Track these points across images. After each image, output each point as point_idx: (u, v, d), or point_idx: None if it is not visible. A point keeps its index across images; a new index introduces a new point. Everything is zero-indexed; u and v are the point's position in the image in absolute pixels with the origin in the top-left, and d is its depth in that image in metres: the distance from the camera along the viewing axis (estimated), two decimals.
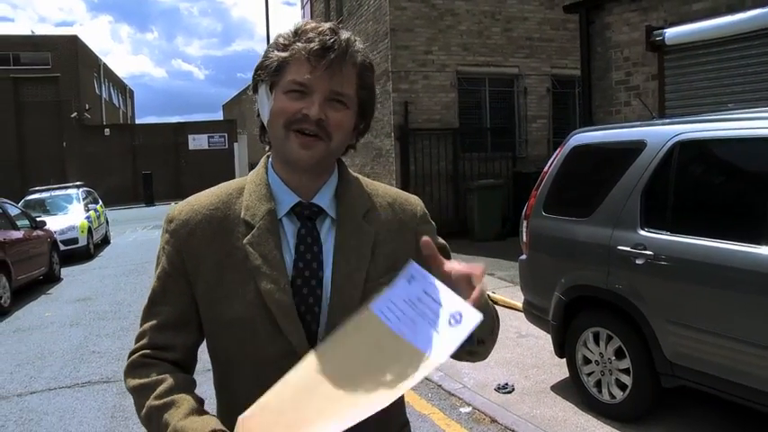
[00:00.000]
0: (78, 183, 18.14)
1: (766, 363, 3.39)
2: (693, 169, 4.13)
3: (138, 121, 53.18)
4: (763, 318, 3.38)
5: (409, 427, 1.52)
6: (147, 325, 1.36)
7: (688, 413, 4.37)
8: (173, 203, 19.63)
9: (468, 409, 4.84)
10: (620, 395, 4.30)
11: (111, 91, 45.14)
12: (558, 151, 5.08)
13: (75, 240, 14.05)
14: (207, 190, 1.43)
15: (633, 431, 4.17)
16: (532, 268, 5.15)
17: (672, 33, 7.60)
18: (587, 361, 4.56)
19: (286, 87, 1.28)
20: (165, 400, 1.24)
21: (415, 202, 1.50)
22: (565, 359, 4.80)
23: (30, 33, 38.87)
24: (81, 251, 14.18)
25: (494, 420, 4.60)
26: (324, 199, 1.36)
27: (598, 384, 4.48)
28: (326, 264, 1.32)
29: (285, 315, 1.26)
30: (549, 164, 5.11)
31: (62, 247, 13.19)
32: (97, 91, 39.89)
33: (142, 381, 1.29)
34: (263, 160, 1.43)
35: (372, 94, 1.38)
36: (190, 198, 1.41)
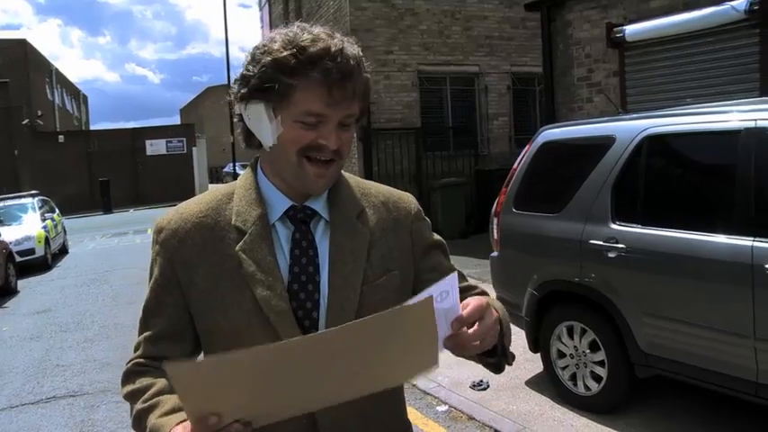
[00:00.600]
0: (33, 192, 17.66)
1: (737, 349, 3.47)
2: (662, 163, 4.20)
3: (92, 127, 52.12)
4: (733, 305, 3.46)
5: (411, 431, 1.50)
6: (141, 337, 1.35)
7: (663, 402, 4.45)
8: (131, 210, 19.27)
9: (444, 408, 4.84)
10: (595, 387, 4.35)
11: (65, 96, 44.11)
12: (527, 148, 5.12)
13: (31, 251, 13.66)
14: (195, 197, 1.40)
15: (609, 422, 4.21)
16: (504, 265, 5.17)
17: (632, 30, 7.75)
18: (562, 355, 4.60)
19: (299, 117, 1.22)
20: (151, 402, 1.23)
21: (408, 199, 1.48)
22: (539, 354, 4.84)
23: None
24: (38, 262, 13.80)
25: (471, 418, 4.61)
26: (317, 202, 1.34)
27: (573, 377, 4.53)
28: (323, 267, 1.30)
29: (283, 321, 1.24)
30: (518, 160, 5.14)
31: (18, 259, 12.82)
32: (49, 97, 38.93)
33: (134, 387, 1.29)
34: (250, 163, 1.40)
35: (368, 101, 1.36)
36: (178, 206, 1.37)
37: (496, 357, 1.29)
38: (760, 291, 3.33)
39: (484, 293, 1.46)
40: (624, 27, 7.87)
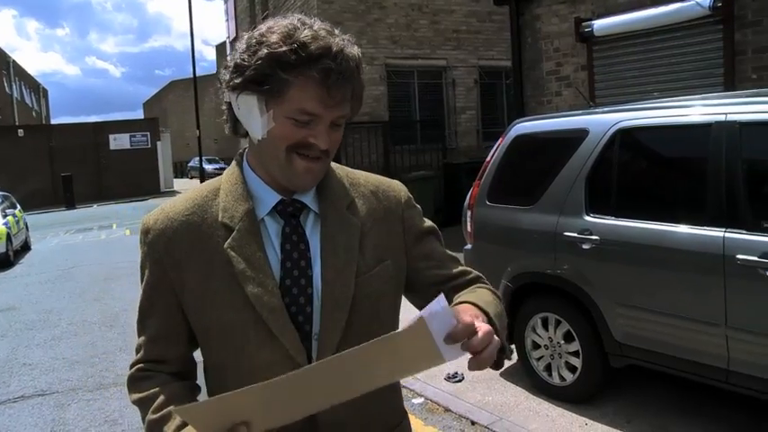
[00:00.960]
0: None
1: (709, 338, 3.55)
2: (635, 155, 4.28)
3: (53, 121, 51.02)
4: (705, 295, 3.54)
5: (407, 422, 1.51)
6: (141, 339, 1.34)
7: (636, 391, 4.53)
8: (95, 206, 18.89)
9: (420, 400, 4.86)
10: (570, 377, 4.41)
11: (23, 90, 43.06)
12: (500, 141, 5.15)
13: None
14: (180, 195, 1.38)
15: (584, 411, 4.28)
16: (478, 257, 5.20)
17: (600, 25, 7.84)
18: (536, 346, 4.65)
19: (291, 114, 1.20)
20: (162, 413, 1.23)
21: (397, 187, 1.47)
22: (513, 345, 4.89)
23: None
24: (0, 259, 13.50)
25: (447, 409, 4.64)
26: (306, 194, 1.32)
27: (548, 368, 4.59)
28: (314, 261, 1.28)
29: (276, 318, 1.23)
30: (491, 153, 5.17)
31: None
32: (7, 90, 37.97)
33: (141, 395, 1.29)
34: (236, 158, 1.38)
35: (361, 100, 1.33)
36: (164, 205, 1.35)
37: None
38: (731, 280, 3.41)
39: (478, 279, 1.47)
40: (592, 22, 7.96)
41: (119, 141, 32.40)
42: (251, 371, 1.23)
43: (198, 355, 1.37)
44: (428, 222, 1.48)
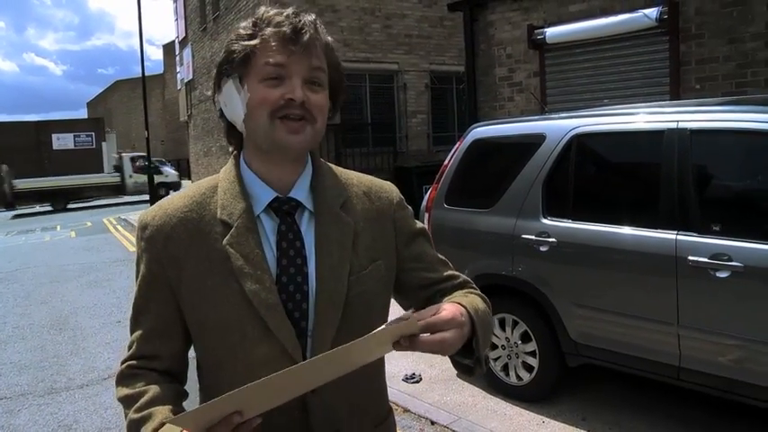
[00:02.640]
0: None
1: (662, 336, 3.68)
2: (591, 160, 4.40)
3: None
4: (658, 295, 3.67)
5: (393, 417, 1.54)
6: (133, 335, 1.34)
7: (591, 388, 4.66)
8: (37, 206, 18.27)
9: None
10: (526, 377, 4.51)
11: None
12: (457, 144, 5.23)
13: None
14: (179, 191, 1.40)
15: (541, 409, 4.38)
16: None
17: (552, 33, 8.04)
18: (494, 346, 4.73)
19: (261, 74, 1.25)
20: (143, 413, 1.22)
21: (389, 188, 1.50)
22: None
23: None
24: None
25: (406, 410, 4.68)
26: (301, 192, 1.34)
27: (505, 368, 4.67)
28: (309, 258, 1.30)
29: (273, 315, 1.24)
30: (449, 157, 5.24)
31: None
32: None
33: (127, 392, 1.27)
34: (231, 157, 1.39)
35: (341, 74, 1.38)
36: (162, 201, 1.36)
37: (472, 359, 1.31)
38: (683, 281, 3.55)
39: (466, 284, 1.50)
40: (545, 29, 8.16)
41: (62, 141, 31.47)
42: (247, 367, 1.24)
43: (191, 354, 1.37)
44: (419, 224, 1.50)
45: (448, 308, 1.20)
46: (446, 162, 5.26)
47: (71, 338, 7.00)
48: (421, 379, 5.16)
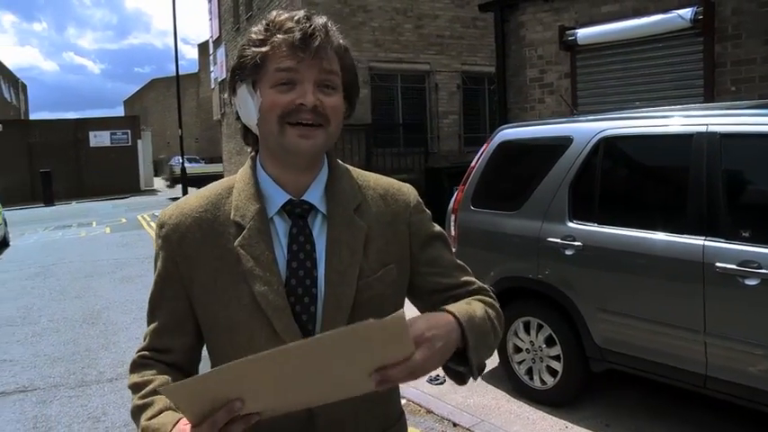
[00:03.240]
0: None
1: (688, 344, 3.63)
2: (618, 163, 4.36)
3: (32, 117, 50.39)
4: (685, 302, 3.62)
5: (404, 420, 1.54)
6: (148, 329, 1.37)
7: (614, 393, 4.61)
8: (74, 203, 18.64)
9: (402, 402, 4.88)
10: (550, 381, 4.48)
11: (2, 84, 42.49)
12: (484, 146, 5.21)
13: None
14: (196, 191, 1.41)
15: (564, 414, 4.35)
16: (461, 261, 5.24)
17: (583, 34, 7.96)
18: (518, 350, 4.71)
19: (273, 80, 1.26)
20: (146, 400, 1.26)
21: (407, 191, 1.47)
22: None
23: None
24: None
25: (429, 411, 4.68)
26: (315, 195, 1.34)
27: (529, 372, 4.65)
28: (320, 262, 1.30)
29: (280, 317, 1.25)
30: (476, 159, 5.23)
31: None
32: None
33: (136, 380, 1.32)
34: (251, 156, 1.41)
35: (355, 75, 1.38)
36: (179, 201, 1.39)
37: (466, 368, 1.29)
38: (710, 288, 3.49)
39: (481, 290, 1.47)
40: (576, 30, 8.08)
41: (99, 139, 32.14)
42: None
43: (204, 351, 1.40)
44: (437, 228, 1.48)
45: (415, 325, 1.15)
46: (473, 164, 5.24)
47: (102, 333, 7.14)
48: (445, 380, 5.15)
